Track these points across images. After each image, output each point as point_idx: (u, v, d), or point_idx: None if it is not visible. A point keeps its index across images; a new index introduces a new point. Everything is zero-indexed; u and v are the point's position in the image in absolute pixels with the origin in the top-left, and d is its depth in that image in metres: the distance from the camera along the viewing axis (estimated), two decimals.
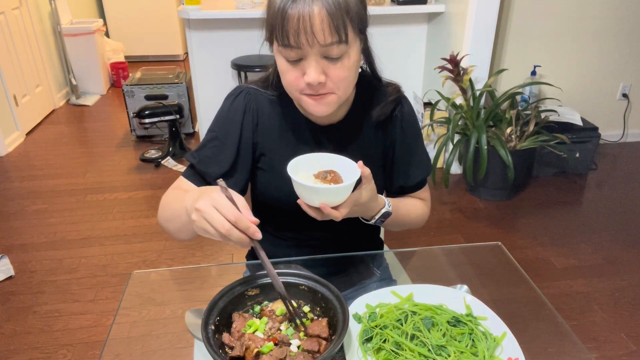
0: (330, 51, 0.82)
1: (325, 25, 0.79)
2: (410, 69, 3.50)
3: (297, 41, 0.80)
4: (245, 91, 1.03)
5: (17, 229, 2.65)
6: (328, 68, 0.84)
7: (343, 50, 0.83)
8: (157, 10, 5.64)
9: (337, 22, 0.79)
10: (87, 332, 1.96)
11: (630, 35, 3.34)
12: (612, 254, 2.44)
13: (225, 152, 1.00)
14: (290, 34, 0.80)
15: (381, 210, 0.97)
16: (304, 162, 0.87)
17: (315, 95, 0.87)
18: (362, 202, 0.89)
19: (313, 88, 0.86)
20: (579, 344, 0.93)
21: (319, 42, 0.80)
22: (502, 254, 1.18)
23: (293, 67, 0.85)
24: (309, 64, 0.83)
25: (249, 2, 3.14)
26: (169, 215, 0.96)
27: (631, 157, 3.51)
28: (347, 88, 0.90)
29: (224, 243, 0.77)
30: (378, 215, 0.98)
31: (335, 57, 0.83)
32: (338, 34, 0.80)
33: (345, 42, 0.82)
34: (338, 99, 0.90)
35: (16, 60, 3.80)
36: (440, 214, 2.80)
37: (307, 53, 0.82)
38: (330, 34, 0.80)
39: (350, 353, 0.84)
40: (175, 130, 3.45)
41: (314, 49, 0.81)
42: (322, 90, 0.86)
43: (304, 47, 0.81)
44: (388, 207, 0.98)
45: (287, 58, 0.85)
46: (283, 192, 1.03)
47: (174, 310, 1.08)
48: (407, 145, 1.07)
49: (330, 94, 0.87)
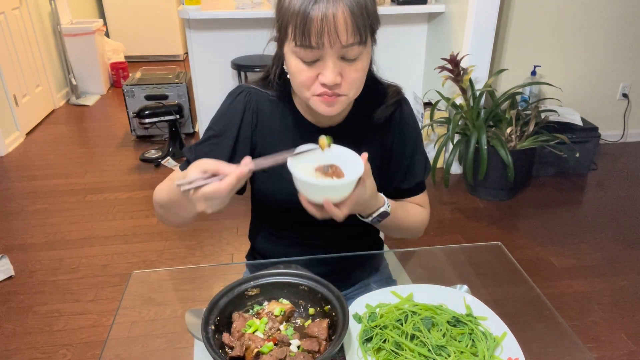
0: (349, 52, 0.82)
1: (348, 26, 0.79)
2: (410, 69, 3.50)
3: (319, 42, 0.80)
4: (245, 91, 1.03)
5: (17, 229, 2.65)
6: (344, 69, 0.85)
7: (361, 51, 0.84)
8: (157, 10, 5.64)
9: (359, 23, 0.80)
10: (87, 332, 1.96)
11: (630, 35, 3.34)
12: (612, 254, 2.44)
13: (222, 150, 1.00)
14: (312, 35, 0.80)
15: (379, 209, 0.96)
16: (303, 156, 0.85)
17: (329, 96, 0.87)
18: (363, 199, 0.88)
19: (328, 88, 0.86)
20: (579, 344, 0.93)
21: (341, 42, 0.80)
22: (502, 254, 1.18)
23: (308, 67, 0.85)
24: (326, 64, 0.83)
25: (249, 2, 3.14)
26: (162, 200, 0.97)
27: (631, 157, 3.51)
28: (358, 89, 0.90)
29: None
30: (375, 213, 0.96)
31: (352, 58, 0.84)
32: (360, 35, 0.81)
33: (364, 43, 0.83)
34: (348, 100, 0.90)
35: (16, 60, 3.80)
36: (440, 214, 2.80)
37: (325, 54, 0.82)
38: (353, 34, 0.80)
39: (350, 353, 0.84)
40: (175, 130, 3.45)
41: (334, 49, 0.81)
42: (337, 90, 0.86)
43: (324, 47, 0.81)
44: (387, 207, 0.97)
45: (304, 59, 0.84)
46: (282, 192, 1.02)
47: (174, 310, 1.08)
48: (405, 147, 1.06)
49: (342, 95, 0.88)
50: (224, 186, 0.76)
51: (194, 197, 0.78)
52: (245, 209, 1.20)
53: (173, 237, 2.56)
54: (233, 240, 2.52)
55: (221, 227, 2.61)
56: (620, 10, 3.24)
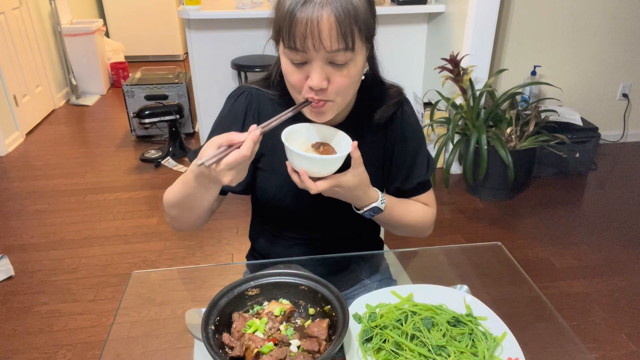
0: (335, 57, 0.82)
1: (333, 32, 0.79)
2: (410, 69, 3.50)
3: (304, 45, 0.80)
4: (247, 91, 1.03)
5: (17, 229, 2.65)
6: (332, 74, 0.84)
7: (349, 57, 0.83)
8: (157, 10, 5.64)
9: (344, 30, 0.79)
10: (87, 332, 1.96)
11: (630, 35, 3.34)
12: (612, 254, 2.44)
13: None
14: (297, 37, 0.80)
15: (371, 204, 0.96)
16: (303, 130, 0.91)
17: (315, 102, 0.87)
18: (346, 185, 0.88)
19: (314, 92, 0.86)
20: (579, 344, 0.93)
21: (325, 47, 0.80)
22: (502, 254, 1.18)
23: (297, 69, 0.85)
24: (313, 68, 0.83)
25: (249, 2, 3.15)
26: (176, 198, 0.95)
27: (631, 157, 3.51)
28: (347, 96, 0.90)
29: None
30: (367, 207, 0.96)
31: (341, 64, 0.83)
32: (345, 41, 0.80)
33: (352, 50, 0.82)
34: (336, 107, 0.90)
35: (16, 60, 3.80)
36: (440, 214, 2.80)
37: (312, 57, 0.82)
38: (337, 40, 0.80)
39: (350, 353, 0.84)
40: (175, 130, 3.45)
41: (319, 54, 0.81)
42: (323, 95, 0.86)
43: (309, 51, 0.81)
44: (380, 203, 0.96)
45: (292, 60, 0.85)
46: (283, 191, 1.03)
47: (174, 310, 1.08)
48: (407, 147, 1.06)
49: (328, 101, 0.87)
50: (244, 151, 0.78)
51: (218, 171, 0.79)
52: (246, 209, 1.20)
53: (173, 237, 2.56)
54: (233, 240, 2.52)
55: (221, 227, 2.61)
56: (620, 10, 3.24)
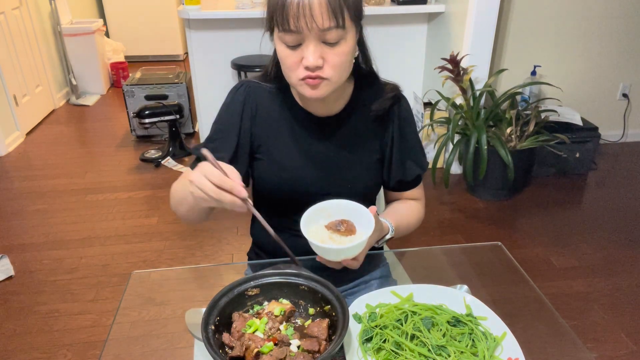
0: (328, 36, 0.86)
1: (323, 10, 0.84)
2: (410, 69, 3.50)
3: (297, 25, 0.85)
4: (245, 85, 1.08)
5: (17, 229, 2.65)
6: (326, 53, 0.89)
7: (340, 35, 0.88)
8: (157, 10, 5.64)
9: (334, 8, 0.84)
10: (87, 332, 1.96)
11: (630, 35, 3.34)
12: (612, 254, 2.44)
13: (228, 142, 1.05)
14: (290, 18, 0.85)
15: (385, 237, 1.03)
16: (313, 214, 0.90)
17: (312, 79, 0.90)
18: (373, 242, 0.97)
19: (310, 71, 0.90)
20: (579, 344, 0.93)
21: (317, 26, 0.85)
22: (502, 254, 1.18)
23: (292, 52, 0.89)
24: (307, 47, 0.88)
25: (249, 2, 3.14)
26: (177, 200, 1.01)
27: (631, 157, 3.51)
28: (342, 74, 0.93)
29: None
30: (382, 241, 1.03)
31: (333, 42, 0.88)
32: (336, 19, 0.85)
33: (343, 27, 0.87)
34: (331, 85, 0.93)
35: (16, 60, 3.80)
36: (440, 214, 2.80)
37: (305, 37, 0.87)
38: (329, 18, 0.84)
39: (350, 353, 0.84)
40: (175, 130, 3.45)
41: (312, 33, 0.86)
42: (320, 73, 0.90)
43: (303, 31, 0.85)
44: (391, 232, 1.04)
45: (287, 43, 0.89)
46: (281, 179, 1.06)
47: (174, 310, 1.08)
48: (404, 140, 1.09)
49: (324, 79, 0.91)
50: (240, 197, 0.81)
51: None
52: None
53: (173, 237, 2.56)
54: (233, 240, 2.52)
55: (221, 227, 2.61)
56: (620, 10, 3.24)
